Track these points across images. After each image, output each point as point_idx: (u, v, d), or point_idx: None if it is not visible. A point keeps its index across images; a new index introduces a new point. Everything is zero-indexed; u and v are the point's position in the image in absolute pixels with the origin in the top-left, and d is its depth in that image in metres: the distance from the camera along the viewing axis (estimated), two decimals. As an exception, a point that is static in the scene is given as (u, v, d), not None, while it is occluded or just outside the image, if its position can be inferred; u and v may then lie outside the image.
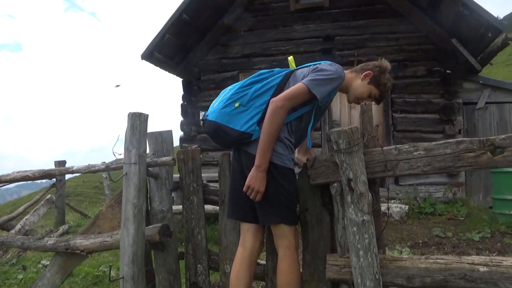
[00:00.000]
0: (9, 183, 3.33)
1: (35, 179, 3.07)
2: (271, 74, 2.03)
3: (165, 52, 6.98)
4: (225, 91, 2.03)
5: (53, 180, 7.11)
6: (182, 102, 7.59)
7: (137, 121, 2.36)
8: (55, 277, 2.83)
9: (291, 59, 2.14)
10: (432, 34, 6.36)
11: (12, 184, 3.74)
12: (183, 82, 7.63)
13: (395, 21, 6.58)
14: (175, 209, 2.87)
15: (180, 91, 7.61)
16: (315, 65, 2.02)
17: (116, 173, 3.07)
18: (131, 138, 2.36)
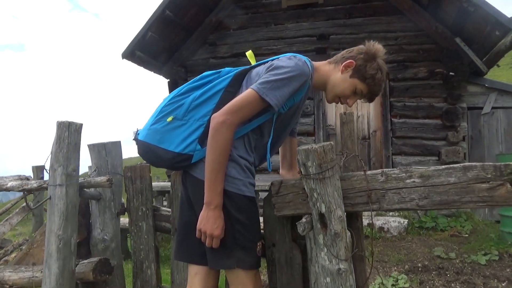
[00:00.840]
0: None
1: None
2: (216, 76, 1.56)
3: (149, 51, 6.54)
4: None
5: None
6: (168, 104, 7.15)
7: (64, 132, 1.90)
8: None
9: (249, 54, 1.66)
10: (434, 32, 5.88)
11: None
12: (168, 83, 7.21)
13: (394, 19, 6.11)
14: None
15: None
16: (272, 60, 1.56)
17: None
18: (56, 153, 1.90)
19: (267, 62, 1.61)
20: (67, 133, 1.90)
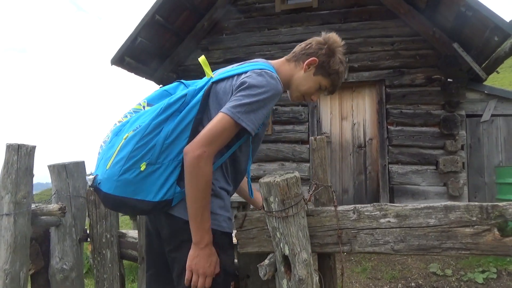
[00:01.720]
0: None
1: None
2: (182, 100, 1.34)
3: (139, 56, 6.38)
4: (116, 135, 1.33)
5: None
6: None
7: (13, 155, 1.74)
8: None
9: (202, 60, 1.43)
10: (431, 37, 5.70)
11: None
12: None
13: (391, 24, 5.93)
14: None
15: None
16: (238, 74, 1.38)
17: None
18: (4, 179, 1.73)
19: (232, 76, 1.42)
20: (16, 157, 1.73)
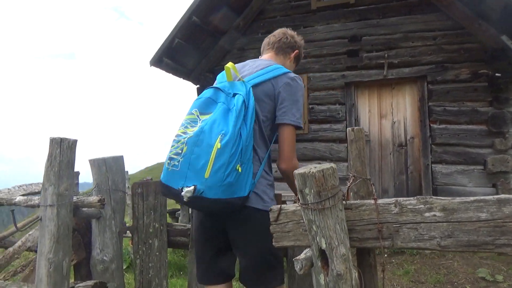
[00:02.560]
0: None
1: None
2: (244, 107, 1.49)
3: (176, 57, 6.50)
4: (197, 146, 1.43)
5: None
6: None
7: (56, 149, 1.80)
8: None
9: (230, 66, 1.59)
10: (476, 30, 5.40)
11: None
12: (197, 89, 7.14)
13: (432, 17, 5.68)
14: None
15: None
16: (273, 79, 1.60)
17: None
18: (47, 172, 1.79)
19: (265, 81, 1.60)
20: (59, 150, 1.79)
